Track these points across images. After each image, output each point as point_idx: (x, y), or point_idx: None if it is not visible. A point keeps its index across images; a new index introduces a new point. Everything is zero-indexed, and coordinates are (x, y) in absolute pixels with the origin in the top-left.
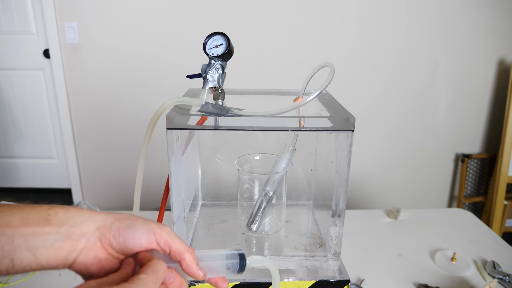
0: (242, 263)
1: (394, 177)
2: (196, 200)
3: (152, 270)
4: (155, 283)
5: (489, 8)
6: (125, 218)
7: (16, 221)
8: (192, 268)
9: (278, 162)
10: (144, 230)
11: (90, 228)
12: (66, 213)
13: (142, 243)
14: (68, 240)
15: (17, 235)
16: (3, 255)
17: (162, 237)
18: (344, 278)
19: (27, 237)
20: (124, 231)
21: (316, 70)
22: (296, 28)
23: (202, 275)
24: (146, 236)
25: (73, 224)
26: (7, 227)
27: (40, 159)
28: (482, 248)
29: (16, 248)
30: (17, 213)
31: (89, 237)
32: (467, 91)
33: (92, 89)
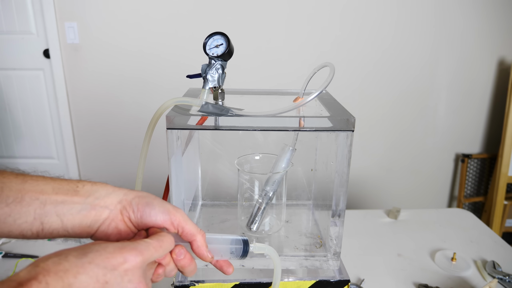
0: (245, 248)
1: (394, 177)
2: (196, 200)
3: (158, 238)
4: (156, 249)
5: (489, 8)
6: (145, 196)
7: (49, 189)
8: (202, 249)
9: (278, 162)
10: (161, 209)
11: (113, 201)
12: (93, 186)
13: (157, 220)
14: (93, 210)
15: (48, 202)
16: (35, 218)
17: (176, 218)
18: (344, 278)
19: (57, 204)
20: (142, 207)
21: (316, 70)
22: (296, 27)
23: (210, 257)
24: (161, 214)
25: (98, 196)
26: (40, 193)
27: (40, 159)
28: (482, 248)
29: (46, 212)
30: (50, 183)
31: (112, 209)
32: (467, 91)
33: (92, 89)
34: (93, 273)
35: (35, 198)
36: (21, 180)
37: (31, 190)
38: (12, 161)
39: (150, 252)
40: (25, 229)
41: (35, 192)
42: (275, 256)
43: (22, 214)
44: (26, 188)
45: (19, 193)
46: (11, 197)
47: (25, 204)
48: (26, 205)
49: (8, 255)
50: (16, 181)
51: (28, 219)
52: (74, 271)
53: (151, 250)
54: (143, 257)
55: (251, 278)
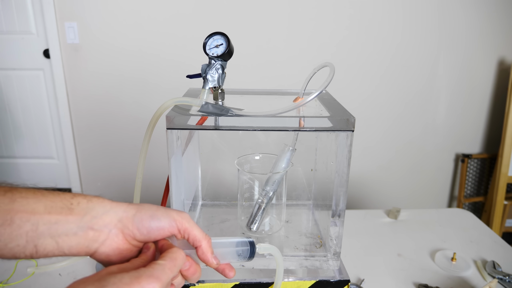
0: (252, 250)
1: (394, 177)
2: (196, 200)
3: (171, 257)
4: (172, 270)
5: (489, 8)
6: (146, 209)
7: (40, 208)
8: (207, 255)
9: (278, 162)
10: (167, 220)
11: (112, 220)
12: (88, 203)
13: (165, 232)
14: (90, 231)
15: (41, 223)
16: (27, 241)
17: (183, 225)
18: (344, 278)
19: (50, 225)
20: (147, 222)
21: (316, 70)
22: (297, 27)
23: (215, 263)
24: (168, 225)
25: (95, 215)
26: (31, 214)
27: (40, 159)
28: (482, 248)
29: (39, 235)
30: (42, 200)
31: (111, 229)
32: (467, 91)
33: (92, 89)
34: None
35: (26, 219)
36: (9, 199)
37: (21, 211)
38: (12, 161)
39: (166, 275)
40: (17, 252)
41: (25, 213)
42: (279, 257)
43: (13, 237)
44: (16, 208)
45: (8, 214)
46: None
47: (16, 227)
48: (17, 228)
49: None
50: (3, 200)
51: (20, 242)
52: None
53: (167, 273)
54: (161, 283)
55: (251, 278)
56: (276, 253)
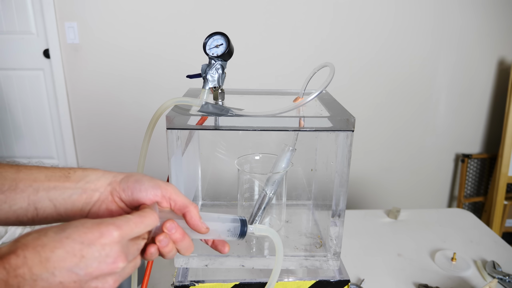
0: (243, 228)
1: (394, 177)
2: (196, 200)
3: (139, 214)
4: (137, 224)
5: (489, 8)
6: (133, 174)
7: (42, 177)
8: (196, 219)
9: (278, 162)
10: (151, 184)
11: (103, 184)
12: (84, 172)
13: (148, 195)
14: (84, 194)
15: (41, 188)
16: (29, 203)
17: (168, 191)
18: (344, 278)
19: (49, 190)
20: (132, 184)
21: (316, 70)
22: (297, 26)
23: (205, 228)
24: (152, 189)
25: (88, 181)
26: (34, 181)
27: (40, 159)
28: (482, 248)
29: (39, 198)
30: (43, 171)
31: (102, 191)
32: (467, 91)
33: (92, 89)
34: (69, 247)
35: (28, 185)
36: (15, 169)
37: (25, 179)
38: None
39: (129, 226)
40: (20, 214)
41: (28, 180)
42: (278, 240)
43: (17, 200)
44: (20, 177)
45: (14, 181)
46: (6, 185)
47: (19, 191)
48: (20, 192)
49: None
50: (11, 170)
51: (23, 205)
52: (51, 246)
53: (130, 225)
54: (121, 231)
55: (251, 278)
56: (274, 236)
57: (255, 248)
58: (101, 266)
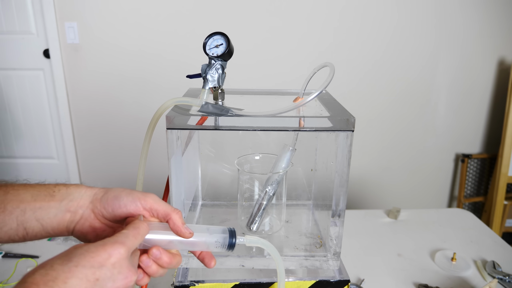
0: (231, 240)
1: (394, 177)
2: (196, 200)
3: (133, 226)
4: (135, 236)
5: (489, 8)
6: (113, 190)
7: (28, 197)
8: (178, 225)
9: (278, 162)
10: (129, 198)
11: (85, 202)
12: (67, 190)
13: (128, 209)
14: (67, 212)
15: (28, 209)
16: (18, 224)
17: (147, 203)
18: (344, 278)
19: (35, 210)
20: (111, 201)
21: (316, 70)
22: (296, 26)
23: (188, 233)
24: (131, 203)
25: (71, 199)
26: (21, 202)
27: (40, 159)
28: (482, 248)
29: (27, 219)
30: (29, 191)
31: (84, 209)
32: (467, 91)
33: (92, 89)
34: (82, 274)
35: (16, 206)
36: (3, 191)
37: (13, 200)
38: (12, 161)
39: (130, 241)
40: (12, 235)
41: (16, 201)
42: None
43: (7, 222)
44: (8, 199)
45: (2, 203)
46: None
47: (8, 213)
48: (8, 214)
49: (8, 255)
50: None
51: (13, 226)
52: (62, 277)
53: (131, 239)
54: (126, 247)
55: (251, 278)
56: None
57: (255, 248)
58: (116, 284)
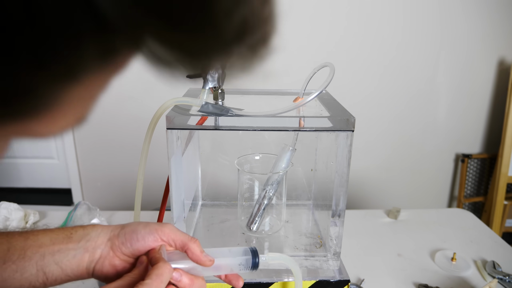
0: (254, 260)
1: (394, 177)
2: (196, 200)
3: (156, 274)
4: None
5: (489, 8)
6: (129, 225)
7: (47, 241)
8: (197, 255)
9: (278, 162)
10: (146, 230)
11: (103, 240)
12: (84, 230)
13: (147, 242)
14: (86, 253)
15: (47, 253)
16: (37, 270)
17: (165, 233)
18: (344, 278)
19: (54, 253)
20: (129, 235)
21: (316, 70)
22: (297, 26)
23: (209, 261)
24: (148, 235)
25: (88, 239)
26: (40, 247)
27: (40, 159)
28: (482, 248)
29: (46, 263)
30: (48, 235)
31: (103, 248)
32: (467, 91)
33: None
34: None
35: (35, 251)
36: (24, 237)
37: (32, 245)
38: (12, 161)
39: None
40: (32, 280)
41: (35, 247)
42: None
43: (26, 268)
44: (28, 244)
45: (22, 250)
46: (16, 254)
47: (28, 258)
48: (28, 260)
49: None
50: (20, 239)
51: (33, 271)
52: None
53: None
54: None
55: (251, 278)
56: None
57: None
58: None
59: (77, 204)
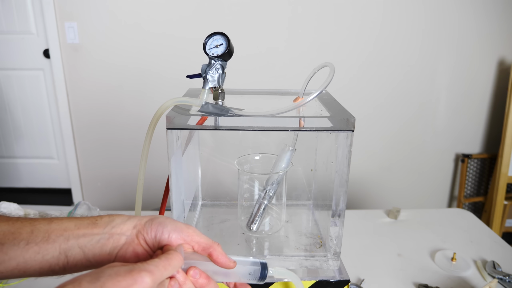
0: (263, 272)
1: (394, 177)
2: (196, 200)
3: (166, 257)
4: (166, 267)
5: (489, 8)
6: (157, 217)
7: (71, 226)
8: (223, 257)
9: (278, 162)
10: (173, 227)
11: (128, 227)
12: (109, 218)
13: (170, 238)
14: (111, 238)
15: (71, 236)
16: (60, 252)
17: (189, 234)
18: (344, 278)
19: (78, 237)
20: (155, 227)
21: (316, 70)
22: (297, 28)
23: (232, 263)
24: (173, 232)
25: (114, 225)
26: (64, 230)
27: (40, 159)
28: (482, 248)
29: (70, 247)
30: (73, 221)
31: (128, 235)
32: (467, 91)
33: (92, 89)
34: None
35: (59, 235)
36: (48, 221)
37: (56, 229)
38: (12, 161)
39: (159, 271)
40: (53, 263)
41: (59, 230)
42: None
43: (49, 250)
44: (52, 228)
45: (46, 232)
46: (39, 236)
47: (51, 241)
48: (52, 242)
49: None
50: (44, 222)
51: (55, 254)
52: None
53: (160, 269)
54: (153, 277)
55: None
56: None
57: (255, 248)
58: None
59: (77, 204)
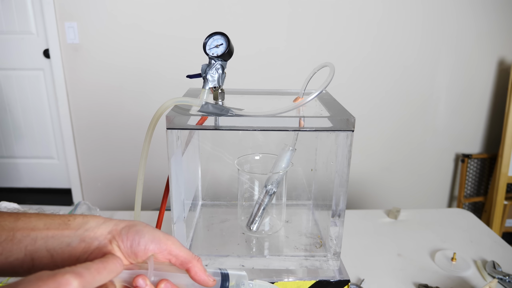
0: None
1: (394, 177)
2: (196, 200)
3: (101, 260)
4: (99, 271)
5: (489, 8)
6: (135, 224)
7: (40, 225)
8: (202, 274)
9: (278, 162)
10: (150, 237)
11: (103, 232)
12: (84, 219)
13: (146, 249)
14: (82, 242)
15: (39, 237)
16: (25, 255)
17: (167, 246)
18: (344, 278)
19: (47, 239)
20: (132, 235)
21: (316, 70)
22: (298, 28)
23: (212, 281)
24: (151, 243)
25: (87, 228)
26: (32, 230)
27: (40, 159)
28: (482, 248)
29: (37, 249)
30: (43, 219)
31: (101, 240)
32: (467, 91)
33: (92, 89)
34: None
35: (26, 235)
36: (14, 218)
37: (23, 228)
38: (12, 161)
39: (91, 274)
40: (16, 266)
41: (27, 229)
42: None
43: (14, 251)
44: (18, 226)
45: (11, 231)
46: (3, 235)
47: (17, 241)
48: (17, 243)
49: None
50: (9, 219)
51: (19, 256)
52: None
53: (92, 273)
54: (82, 280)
55: (251, 278)
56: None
57: (255, 248)
58: None
59: (77, 204)
